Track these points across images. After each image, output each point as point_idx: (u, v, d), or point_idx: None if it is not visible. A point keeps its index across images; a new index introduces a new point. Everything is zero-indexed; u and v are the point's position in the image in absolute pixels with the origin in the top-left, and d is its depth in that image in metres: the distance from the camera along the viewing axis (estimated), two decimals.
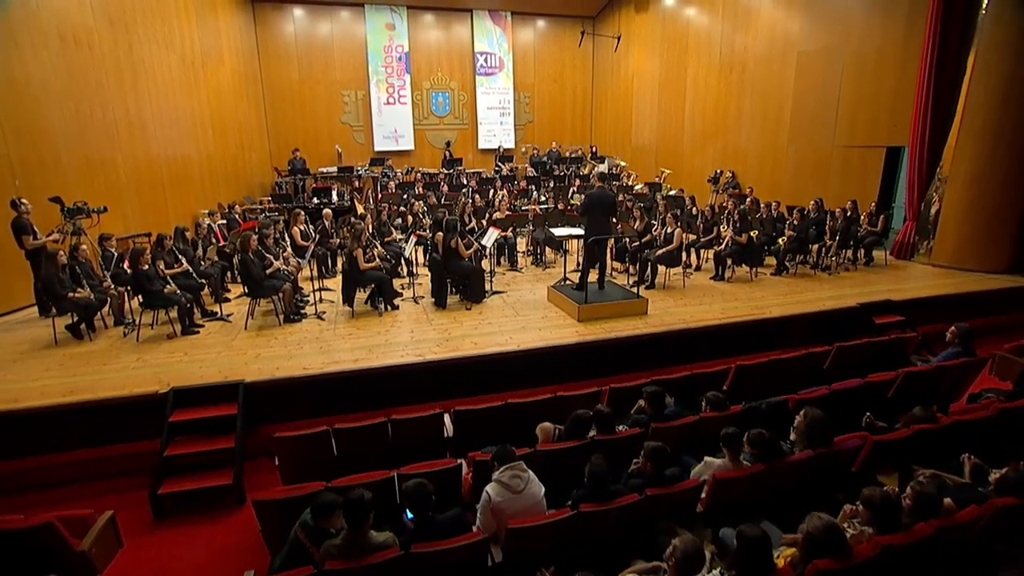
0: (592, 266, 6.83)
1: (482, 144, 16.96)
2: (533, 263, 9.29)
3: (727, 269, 8.10)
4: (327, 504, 2.71)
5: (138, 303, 6.07)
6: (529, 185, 13.43)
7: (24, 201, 6.24)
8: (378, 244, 7.42)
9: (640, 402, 4.09)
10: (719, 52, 12.62)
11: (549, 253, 9.46)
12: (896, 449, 3.56)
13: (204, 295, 6.74)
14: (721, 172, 12.51)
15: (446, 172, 14.13)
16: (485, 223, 8.48)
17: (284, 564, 2.75)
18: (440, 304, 6.84)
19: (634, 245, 7.90)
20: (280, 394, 4.89)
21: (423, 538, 2.66)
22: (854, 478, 3.56)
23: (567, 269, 7.76)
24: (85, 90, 7.96)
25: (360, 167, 13.82)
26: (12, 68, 6.79)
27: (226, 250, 7.68)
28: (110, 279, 6.33)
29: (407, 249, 7.56)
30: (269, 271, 6.34)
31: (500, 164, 15.17)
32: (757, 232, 8.38)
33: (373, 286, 6.69)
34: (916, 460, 3.54)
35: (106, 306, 6.21)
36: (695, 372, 4.68)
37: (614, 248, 8.62)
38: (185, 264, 6.53)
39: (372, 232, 7.62)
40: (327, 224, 8.58)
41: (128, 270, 6.12)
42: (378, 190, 13.14)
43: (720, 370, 4.78)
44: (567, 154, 15.31)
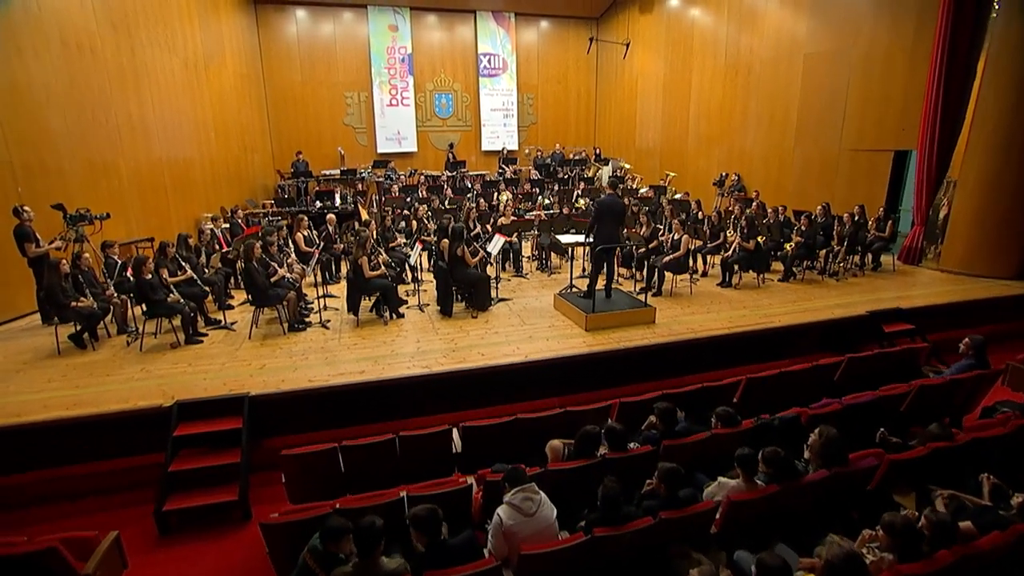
0: (600, 273, 6.78)
1: (486, 146, 16.88)
2: (538, 268, 9.24)
3: (734, 275, 8.04)
4: (336, 529, 2.66)
5: (141, 312, 6.03)
6: (533, 188, 13.36)
7: (27, 208, 6.20)
8: (383, 251, 7.37)
9: (651, 418, 4.04)
10: (724, 54, 12.52)
11: (554, 258, 9.40)
12: (912, 468, 3.51)
13: (207, 302, 6.68)
14: (726, 175, 12.42)
15: (449, 175, 14.06)
16: (490, 228, 8.42)
17: None
18: (446, 312, 6.78)
19: (640, 251, 7.83)
20: (285, 407, 4.83)
21: (434, 564, 2.61)
22: (869, 497, 3.51)
23: (573, 276, 7.71)
24: (87, 95, 7.91)
25: (363, 169, 13.76)
26: (14, 73, 6.75)
27: (230, 256, 7.63)
28: (113, 287, 6.28)
29: (412, 256, 7.51)
30: (274, 279, 6.27)
31: (504, 166, 15.10)
32: (764, 238, 8.30)
33: (378, 294, 6.63)
34: (933, 479, 3.49)
35: (109, 314, 6.17)
36: (705, 385, 4.62)
37: (620, 254, 8.55)
38: (189, 271, 6.47)
39: (377, 238, 7.56)
40: (331, 229, 8.53)
41: (131, 278, 6.07)
42: (381, 194, 13.08)
43: (730, 383, 4.71)
44: (571, 156, 15.21)
